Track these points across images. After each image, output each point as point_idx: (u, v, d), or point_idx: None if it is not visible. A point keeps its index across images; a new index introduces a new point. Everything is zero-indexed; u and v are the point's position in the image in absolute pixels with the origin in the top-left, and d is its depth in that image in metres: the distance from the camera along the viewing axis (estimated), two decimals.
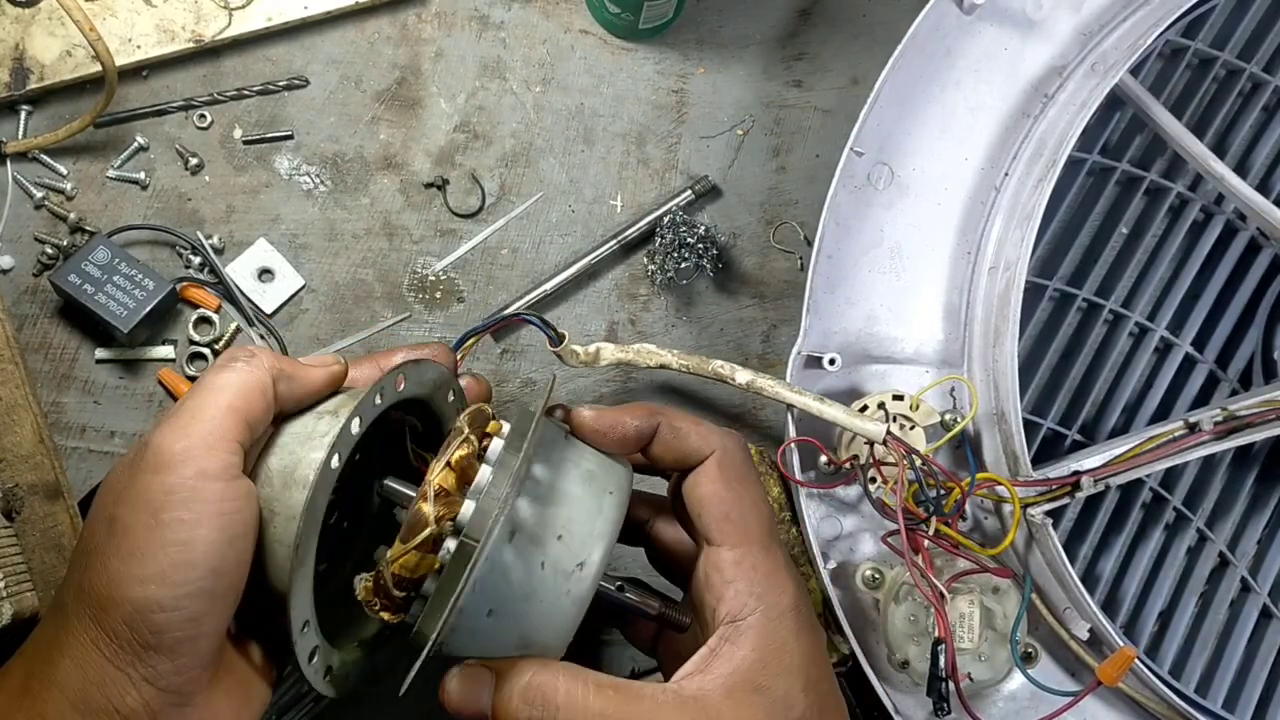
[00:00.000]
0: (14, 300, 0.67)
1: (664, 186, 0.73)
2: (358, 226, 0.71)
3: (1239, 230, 0.67)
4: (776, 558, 0.48)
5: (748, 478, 0.50)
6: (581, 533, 0.46)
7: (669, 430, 0.50)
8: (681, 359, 0.62)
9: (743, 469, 0.50)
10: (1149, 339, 0.65)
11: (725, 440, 0.50)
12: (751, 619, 0.47)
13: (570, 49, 0.74)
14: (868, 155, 0.65)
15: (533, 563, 0.45)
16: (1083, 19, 0.67)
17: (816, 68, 0.75)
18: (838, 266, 0.65)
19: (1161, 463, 0.60)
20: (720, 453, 0.50)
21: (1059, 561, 0.59)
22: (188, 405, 0.45)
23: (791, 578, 0.48)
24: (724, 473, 0.49)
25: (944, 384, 0.65)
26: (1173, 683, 0.61)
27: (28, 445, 0.60)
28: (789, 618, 0.47)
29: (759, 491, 0.50)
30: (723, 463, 0.50)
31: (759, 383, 0.61)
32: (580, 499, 0.47)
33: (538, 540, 0.45)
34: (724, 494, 0.49)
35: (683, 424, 0.50)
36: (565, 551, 0.46)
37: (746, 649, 0.46)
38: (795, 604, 0.48)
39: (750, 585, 0.47)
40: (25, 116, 0.69)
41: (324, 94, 0.72)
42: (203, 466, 0.43)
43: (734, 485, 0.49)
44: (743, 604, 0.47)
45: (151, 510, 0.42)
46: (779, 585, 0.48)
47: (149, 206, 0.69)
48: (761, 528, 0.49)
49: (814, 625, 0.49)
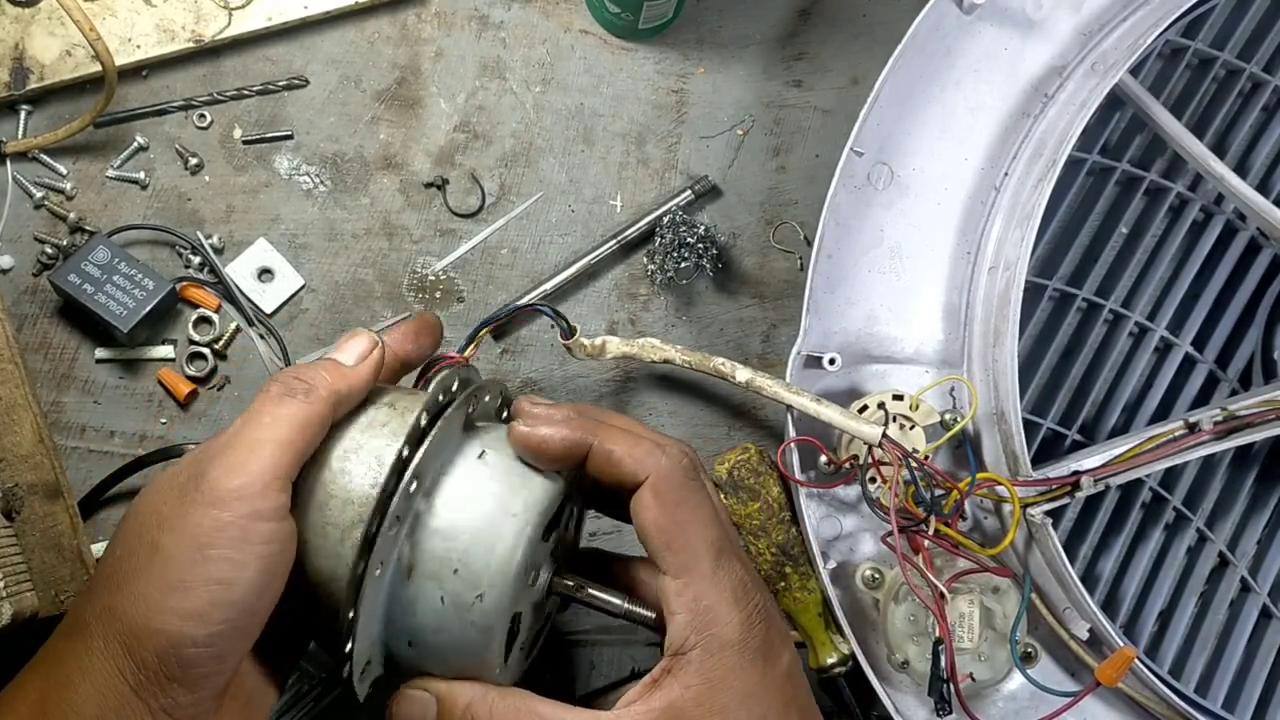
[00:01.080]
0: (14, 300, 0.67)
1: (664, 186, 0.73)
2: (358, 226, 0.71)
3: (1239, 230, 0.67)
4: (722, 587, 0.45)
5: (688, 500, 0.46)
6: (478, 564, 0.45)
7: (601, 454, 0.47)
8: (684, 355, 0.63)
9: (681, 491, 0.46)
10: (1149, 339, 0.65)
11: (660, 460, 0.47)
12: (691, 654, 0.45)
13: (570, 49, 0.74)
14: (868, 155, 0.65)
15: (433, 597, 0.46)
16: (1083, 19, 0.67)
17: (816, 68, 0.75)
18: (838, 266, 0.65)
19: (1161, 463, 0.60)
20: (654, 477, 0.46)
21: (1059, 561, 0.59)
22: (245, 437, 0.44)
23: (739, 609, 0.45)
24: (660, 499, 0.46)
25: (944, 384, 0.65)
26: (1172, 683, 0.61)
27: (27, 445, 0.60)
28: (730, 654, 0.45)
29: (704, 511, 0.47)
30: (658, 488, 0.46)
31: (758, 381, 0.61)
32: (478, 529, 0.46)
33: (435, 575, 0.46)
34: (662, 521, 0.46)
35: (617, 446, 0.47)
36: (463, 584, 0.45)
37: (682, 686, 0.44)
38: (739, 638, 0.45)
39: (690, 618, 0.45)
40: (25, 116, 0.69)
41: (324, 94, 0.72)
42: (256, 507, 0.42)
43: (672, 510, 0.46)
44: (684, 638, 0.45)
45: (199, 545, 0.42)
46: (721, 618, 0.45)
47: (149, 206, 0.69)
48: (706, 554, 0.46)
49: (766, 656, 0.46)
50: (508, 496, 0.46)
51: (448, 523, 0.46)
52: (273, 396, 0.45)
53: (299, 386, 0.45)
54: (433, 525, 0.46)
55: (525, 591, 0.48)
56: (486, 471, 0.47)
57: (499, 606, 0.45)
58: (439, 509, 0.46)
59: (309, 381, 0.45)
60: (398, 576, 0.46)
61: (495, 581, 0.45)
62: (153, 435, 0.68)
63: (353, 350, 0.48)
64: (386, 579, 0.46)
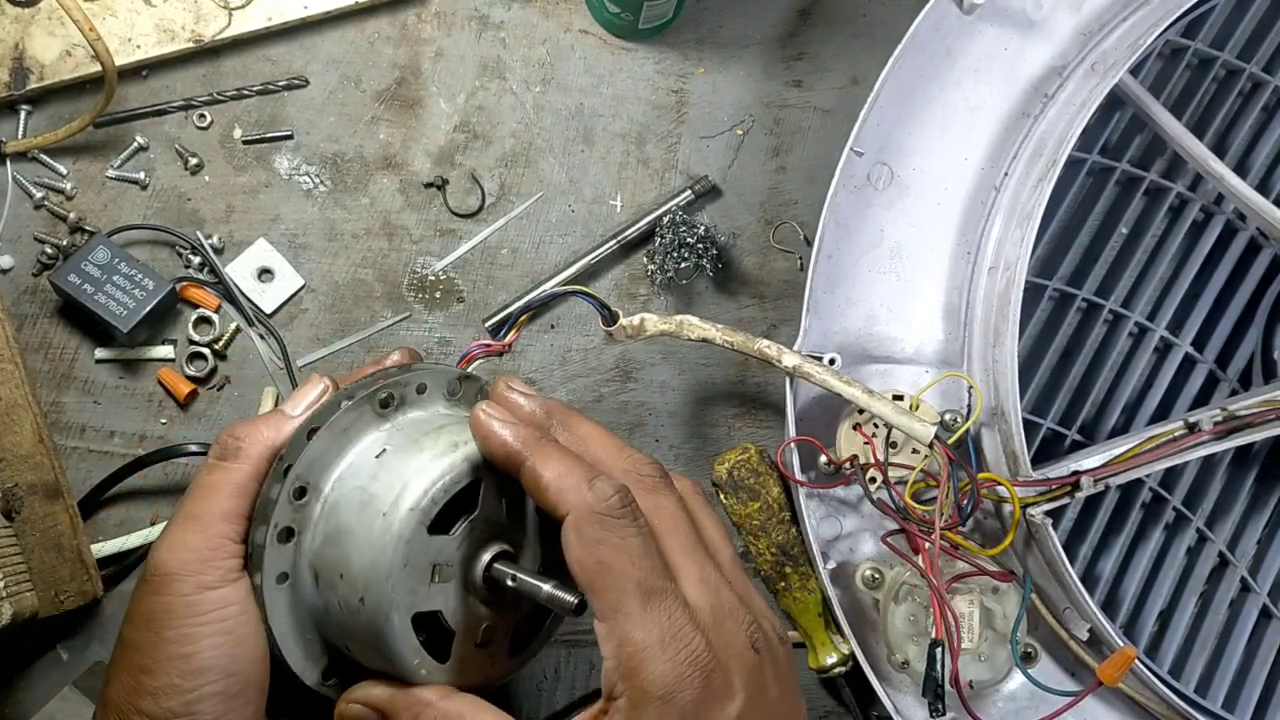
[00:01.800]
0: (14, 300, 0.67)
1: (664, 186, 0.73)
2: (357, 226, 0.71)
3: (1239, 230, 0.67)
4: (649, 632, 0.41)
5: (609, 539, 0.43)
6: (355, 567, 0.45)
7: (530, 477, 0.45)
8: (725, 334, 0.60)
9: (601, 529, 0.43)
10: (1149, 339, 0.65)
11: (584, 496, 0.43)
12: (619, 703, 0.42)
13: (570, 49, 0.74)
14: (868, 155, 0.65)
15: (333, 604, 0.46)
16: (1083, 19, 0.67)
17: (816, 68, 0.75)
18: (838, 266, 0.65)
19: (1161, 463, 0.60)
20: (574, 514, 0.43)
21: (1059, 561, 0.59)
22: (183, 513, 0.46)
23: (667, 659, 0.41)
24: (580, 537, 0.43)
25: (944, 384, 0.65)
26: (1172, 683, 0.61)
27: (27, 445, 0.60)
28: (655, 708, 0.41)
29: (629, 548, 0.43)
30: (579, 525, 0.43)
31: (806, 368, 0.59)
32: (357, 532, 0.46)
33: (330, 582, 0.46)
34: (584, 561, 0.43)
35: (547, 472, 0.44)
36: (348, 589, 0.46)
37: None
38: (665, 692, 0.41)
39: (615, 664, 0.42)
40: (25, 116, 0.69)
41: (324, 94, 0.72)
42: (201, 579, 0.45)
43: (592, 549, 0.43)
44: (611, 685, 0.42)
45: (154, 629, 0.44)
46: (645, 668, 0.41)
47: (149, 206, 0.69)
48: (632, 595, 0.42)
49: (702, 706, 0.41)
50: (382, 495, 0.46)
51: (335, 528, 0.47)
52: (207, 466, 0.47)
53: (230, 447, 0.47)
54: (325, 532, 0.47)
55: (424, 588, 0.46)
56: (375, 469, 0.47)
57: (380, 607, 0.45)
58: (330, 514, 0.47)
59: (242, 441, 0.47)
60: (308, 584, 0.47)
61: (370, 583, 0.45)
62: (153, 435, 0.68)
63: (301, 399, 0.49)
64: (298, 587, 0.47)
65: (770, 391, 0.72)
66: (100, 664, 0.62)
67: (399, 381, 0.50)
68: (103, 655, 0.62)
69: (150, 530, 0.64)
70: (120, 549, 0.64)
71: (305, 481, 0.47)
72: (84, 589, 0.61)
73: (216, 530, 0.46)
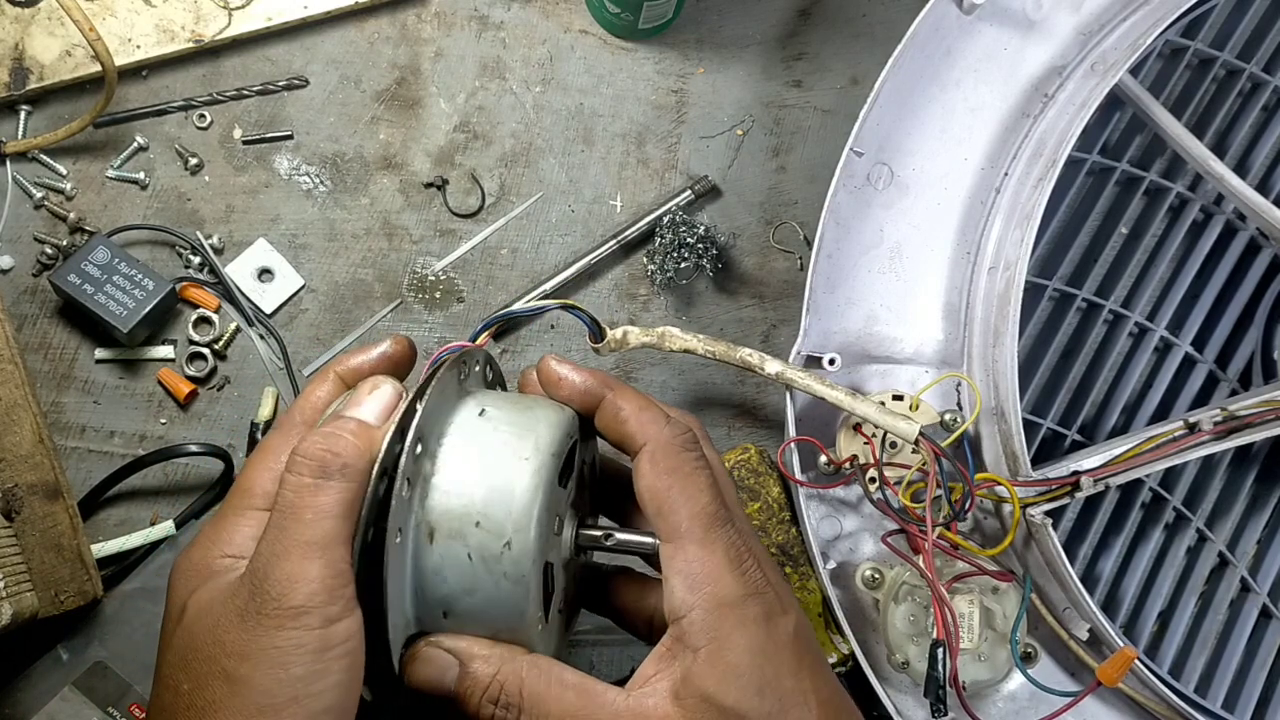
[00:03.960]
0: (14, 300, 0.67)
1: (664, 186, 0.73)
2: (357, 226, 0.71)
3: (1239, 230, 0.67)
4: (714, 551, 0.45)
5: (681, 468, 0.46)
6: (499, 512, 0.44)
7: (611, 409, 0.48)
8: (708, 345, 0.61)
9: (676, 459, 0.46)
10: (1149, 339, 0.65)
11: (661, 429, 0.47)
12: (692, 615, 0.44)
13: (570, 49, 0.74)
14: (868, 155, 0.65)
15: (459, 556, 0.45)
16: (1082, 19, 0.67)
17: (816, 68, 0.75)
18: (837, 266, 0.65)
19: (1161, 463, 0.60)
20: (652, 444, 0.46)
21: (1059, 561, 0.59)
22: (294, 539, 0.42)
23: (734, 572, 0.45)
24: (654, 466, 0.46)
25: (944, 383, 0.65)
26: (1172, 683, 0.61)
27: (27, 445, 0.60)
28: (731, 612, 0.44)
29: (699, 480, 0.46)
30: (654, 454, 0.46)
31: (789, 374, 0.60)
32: (492, 478, 0.45)
33: (458, 533, 0.45)
34: (656, 487, 0.46)
35: (626, 406, 0.48)
36: (488, 535, 0.44)
37: (690, 653, 0.44)
38: (738, 598, 0.44)
39: (685, 580, 0.44)
40: (25, 116, 0.69)
41: (324, 94, 0.72)
42: (328, 613, 0.41)
43: (665, 477, 0.46)
44: (680, 601, 0.44)
45: (281, 665, 0.41)
46: (716, 579, 0.44)
47: (149, 206, 0.69)
48: (698, 519, 0.45)
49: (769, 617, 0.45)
50: (516, 443, 0.46)
51: (459, 479, 0.45)
52: (308, 485, 0.43)
53: (333, 464, 0.43)
54: (444, 485, 0.45)
55: (551, 540, 0.47)
56: (489, 425, 0.47)
57: (528, 551, 0.44)
58: (448, 467, 0.45)
59: (343, 456, 0.43)
60: (420, 544, 0.45)
61: (520, 525, 0.44)
62: (152, 435, 0.68)
63: (376, 405, 0.46)
64: (409, 548, 0.45)
65: (770, 392, 0.72)
66: (100, 664, 0.62)
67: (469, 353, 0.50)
68: (103, 655, 0.62)
69: (150, 530, 0.64)
70: (120, 549, 0.64)
71: (423, 433, 0.45)
72: (84, 589, 0.61)
73: (337, 556, 0.42)
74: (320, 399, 0.49)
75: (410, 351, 0.51)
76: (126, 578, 0.64)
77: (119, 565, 0.64)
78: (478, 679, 0.44)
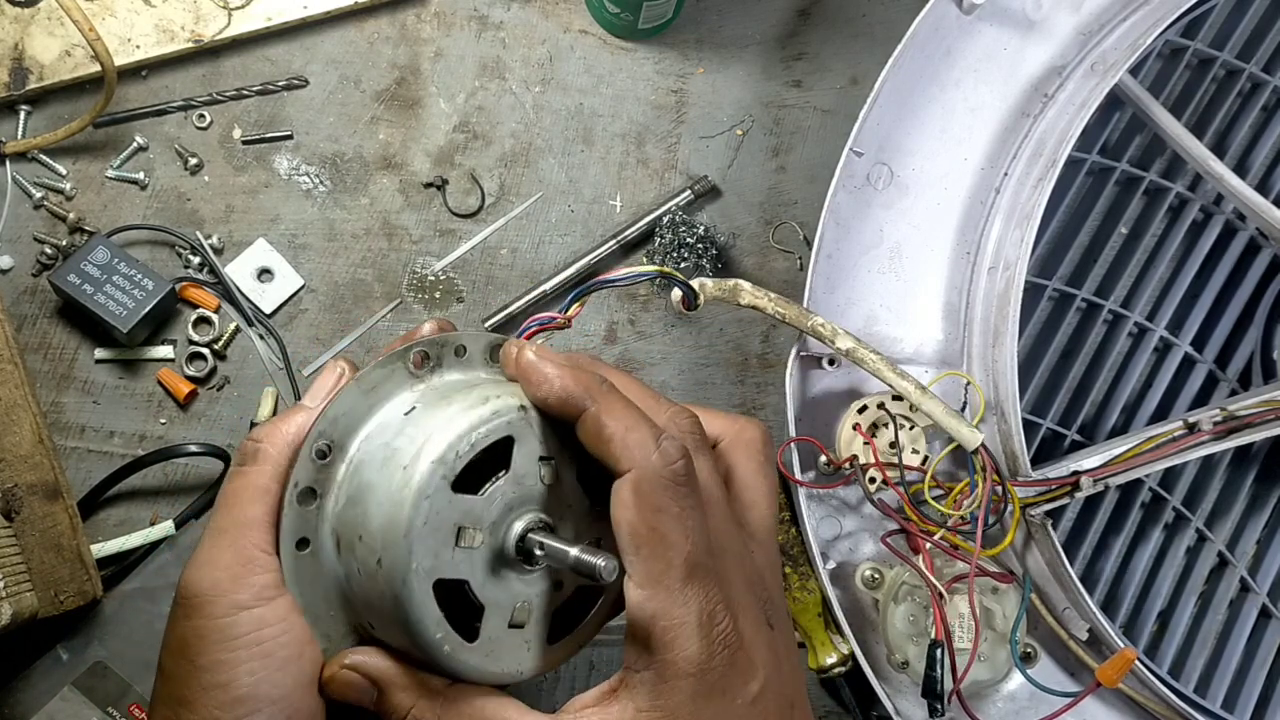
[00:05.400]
0: (13, 300, 0.67)
1: (663, 186, 0.73)
2: (357, 226, 0.71)
3: (1238, 230, 0.67)
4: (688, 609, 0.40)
5: (670, 508, 0.41)
6: (374, 525, 0.42)
7: (593, 424, 0.42)
8: (778, 305, 0.60)
9: (664, 496, 0.41)
10: (1148, 339, 0.66)
11: (650, 456, 0.41)
12: (645, 674, 0.41)
13: (570, 49, 0.74)
14: (867, 155, 0.65)
15: (354, 569, 0.43)
16: (1082, 19, 0.67)
17: (816, 68, 0.75)
18: (837, 266, 0.65)
19: (1161, 463, 0.60)
20: (637, 473, 0.41)
21: (1058, 561, 0.59)
22: (211, 528, 0.43)
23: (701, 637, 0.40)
24: (640, 499, 0.41)
25: (943, 383, 0.65)
26: (1172, 683, 0.61)
27: (27, 445, 0.60)
28: (684, 684, 0.40)
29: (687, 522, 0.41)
30: (640, 486, 0.41)
31: (860, 353, 0.60)
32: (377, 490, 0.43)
33: (350, 545, 0.43)
34: (637, 524, 0.41)
35: (611, 424, 0.42)
36: (366, 550, 0.42)
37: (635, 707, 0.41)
38: (696, 670, 0.40)
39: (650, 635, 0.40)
40: (24, 116, 0.69)
41: (323, 94, 0.72)
42: (235, 600, 0.41)
43: (650, 515, 0.41)
44: (638, 656, 0.41)
45: (189, 656, 0.41)
46: (679, 644, 0.40)
47: (148, 206, 0.69)
48: (678, 569, 0.41)
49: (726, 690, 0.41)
50: (407, 448, 0.43)
51: (357, 487, 0.43)
52: (229, 474, 0.44)
53: (249, 450, 0.43)
54: (348, 493, 0.44)
55: (448, 553, 0.43)
56: (398, 426, 0.44)
57: (397, 567, 0.41)
58: (354, 474, 0.44)
59: (260, 442, 0.43)
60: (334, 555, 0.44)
61: (387, 541, 0.42)
62: (152, 435, 0.68)
63: (319, 389, 0.46)
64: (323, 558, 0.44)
65: (770, 392, 0.72)
66: (100, 664, 0.62)
67: (435, 341, 0.47)
68: (103, 655, 0.62)
69: (150, 530, 0.64)
70: (120, 549, 0.64)
71: (330, 440, 0.44)
72: (84, 589, 0.61)
73: (246, 541, 0.42)
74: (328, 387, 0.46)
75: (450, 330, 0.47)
76: (126, 578, 0.64)
77: (119, 565, 0.64)
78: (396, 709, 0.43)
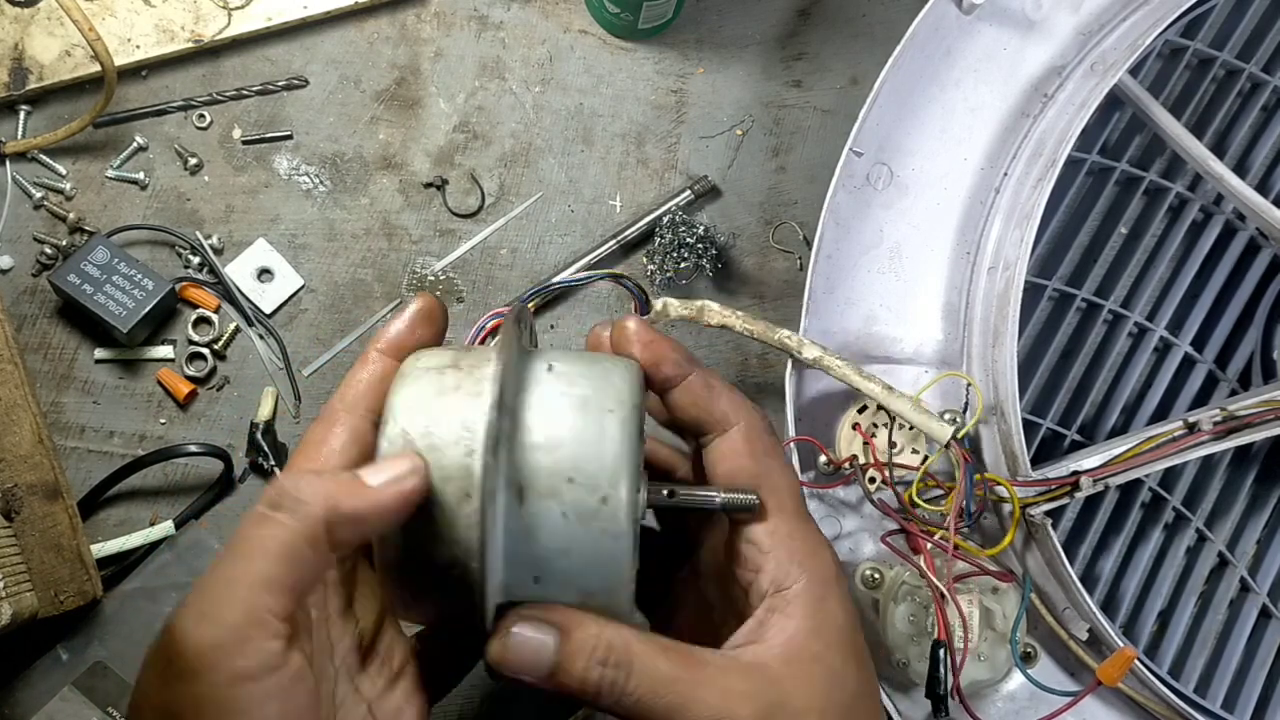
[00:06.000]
0: (13, 300, 0.67)
1: (663, 186, 0.73)
2: (357, 226, 0.71)
3: (1238, 230, 0.67)
4: (811, 527, 0.47)
5: (775, 449, 0.47)
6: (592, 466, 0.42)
7: (701, 383, 0.46)
8: (746, 322, 0.60)
9: (769, 441, 0.47)
10: (1148, 339, 0.65)
11: (753, 414, 0.47)
12: (797, 587, 0.44)
13: (570, 49, 0.74)
14: (867, 155, 0.65)
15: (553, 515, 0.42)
16: (1082, 19, 0.67)
17: (816, 68, 0.75)
18: (837, 266, 0.65)
19: (1161, 463, 0.60)
20: (746, 425, 0.46)
21: (1058, 561, 0.59)
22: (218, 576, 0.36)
23: (830, 549, 0.46)
24: (751, 445, 0.46)
25: (943, 383, 0.65)
26: (1172, 683, 0.61)
27: (27, 445, 0.60)
28: (833, 587, 0.45)
29: (785, 461, 0.48)
30: (749, 435, 0.46)
31: (826, 360, 0.60)
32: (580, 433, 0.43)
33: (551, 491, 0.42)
34: (752, 468, 0.46)
35: (717, 384, 0.47)
36: (583, 491, 0.42)
37: (797, 618, 0.44)
38: (836, 574, 0.46)
39: (790, 554, 0.45)
40: (24, 116, 0.69)
41: (323, 94, 0.72)
42: (236, 668, 0.35)
43: (762, 459, 0.46)
44: (786, 572, 0.45)
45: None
46: (820, 553, 0.46)
47: (148, 206, 0.69)
48: (794, 500, 0.46)
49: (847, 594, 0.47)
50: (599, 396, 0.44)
51: (545, 436, 0.43)
52: (255, 515, 0.37)
53: (286, 496, 0.37)
54: (530, 442, 0.43)
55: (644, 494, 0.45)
56: (563, 382, 0.44)
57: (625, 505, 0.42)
58: (531, 426, 0.43)
59: (300, 492, 0.38)
60: (510, 507, 0.42)
61: (616, 478, 0.42)
62: (152, 435, 0.68)
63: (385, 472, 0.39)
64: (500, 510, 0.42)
65: (769, 391, 0.72)
66: (100, 664, 0.62)
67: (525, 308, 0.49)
68: (103, 655, 0.62)
69: (150, 530, 0.64)
70: (120, 549, 0.64)
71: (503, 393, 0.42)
72: (84, 589, 0.61)
73: (256, 602, 0.36)
74: (363, 382, 0.45)
75: (439, 304, 0.48)
76: (126, 578, 0.64)
77: (119, 565, 0.64)
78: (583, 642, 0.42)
